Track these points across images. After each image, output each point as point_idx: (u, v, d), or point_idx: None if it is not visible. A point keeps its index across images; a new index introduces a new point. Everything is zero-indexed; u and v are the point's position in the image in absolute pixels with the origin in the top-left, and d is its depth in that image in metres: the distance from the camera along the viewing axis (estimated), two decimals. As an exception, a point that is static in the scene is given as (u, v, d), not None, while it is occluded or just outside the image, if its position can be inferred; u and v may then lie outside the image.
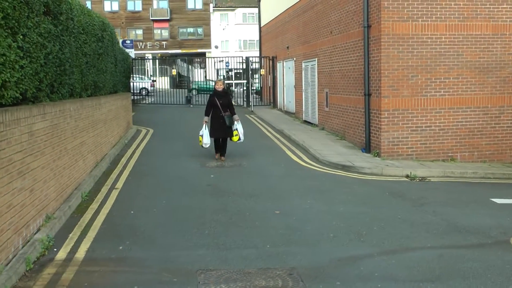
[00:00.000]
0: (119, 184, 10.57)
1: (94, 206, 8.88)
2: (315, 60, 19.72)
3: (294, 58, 23.19)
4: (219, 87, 13.21)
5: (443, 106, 13.79)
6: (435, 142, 13.85)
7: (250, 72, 28.88)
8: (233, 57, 34.08)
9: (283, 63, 26.00)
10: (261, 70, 29.89)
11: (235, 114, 13.11)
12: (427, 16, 13.41)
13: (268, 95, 30.36)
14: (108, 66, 14.66)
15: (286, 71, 25.41)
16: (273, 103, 28.66)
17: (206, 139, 12.71)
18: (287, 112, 25.09)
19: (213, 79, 36.56)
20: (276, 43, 27.69)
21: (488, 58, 13.92)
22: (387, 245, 7.16)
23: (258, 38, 34.46)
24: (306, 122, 21.15)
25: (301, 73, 21.84)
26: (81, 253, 6.62)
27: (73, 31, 9.91)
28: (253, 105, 28.02)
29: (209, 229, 7.67)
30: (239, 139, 12.96)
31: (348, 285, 5.76)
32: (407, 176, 12.06)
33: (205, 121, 12.86)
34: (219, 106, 12.85)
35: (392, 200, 9.93)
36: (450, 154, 13.91)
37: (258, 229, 7.72)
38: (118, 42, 19.00)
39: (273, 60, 28.25)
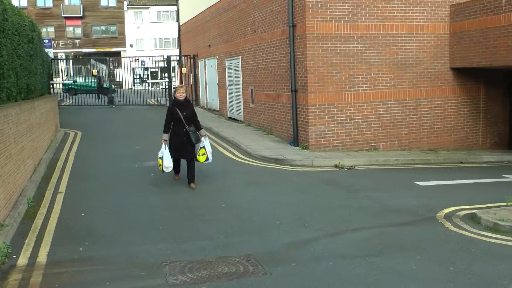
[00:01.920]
0: (62, 188, 10.55)
1: (42, 211, 8.87)
2: (239, 58, 20.29)
3: (217, 56, 23.63)
4: (181, 96, 10.46)
5: (365, 100, 14.79)
6: (359, 134, 14.84)
7: (171, 70, 29.05)
8: (152, 56, 34.01)
9: (205, 61, 26.35)
10: (183, 68, 30.12)
11: (201, 128, 10.64)
12: (348, 16, 14.32)
13: (190, 93, 30.58)
14: (38, 68, 14.47)
15: (208, 69, 25.78)
16: (196, 101, 28.93)
17: (167, 161, 10.07)
18: (211, 110, 25.51)
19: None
20: (197, 41, 28.02)
21: (405, 56, 15.11)
22: (330, 229, 7.89)
23: (174, 37, 34.66)
24: (231, 119, 21.66)
25: (225, 71, 22.32)
26: (42, 257, 6.68)
27: (8, 33, 9.72)
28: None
29: (163, 225, 8.03)
30: (207, 159, 10.45)
31: (302, 265, 6.40)
32: (336, 166, 12.90)
33: (164, 140, 10.24)
34: (182, 120, 10.21)
35: (327, 189, 10.73)
36: (373, 144, 14.97)
37: (210, 222, 8.19)
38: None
39: (194, 58, 28.56)
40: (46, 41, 28.64)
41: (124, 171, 12.16)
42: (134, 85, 47.92)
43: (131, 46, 59.77)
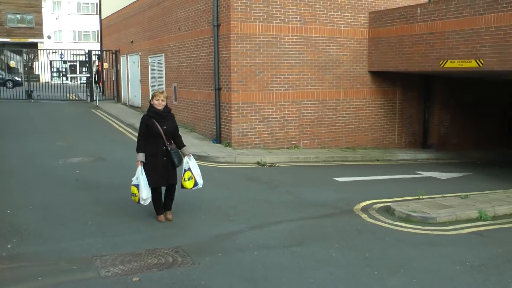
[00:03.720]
0: (-19, 186, 10.22)
1: (-37, 209, 8.62)
2: (162, 56, 20.33)
3: (140, 53, 23.53)
4: (160, 104, 7.89)
5: (287, 99, 15.29)
6: (280, 132, 15.33)
7: (92, 65, 28.61)
8: (72, 49, 33.28)
9: (127, 57, 26.14)
10: (105, 64, 29.70)
11: (184, 145, 8.34)
12: (272, 18, 14.76)
13: (111, 89, 30.25)
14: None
15: (131, 66, 25.59)
16: (117, 98, 28.64)
17: (145, 191, 7.78)
18: (133, 107, 25.30)
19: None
20: (119, 36, 27.73)
21: (326, 58, 15.74)
22: (254, 222, 8.25)
23: (94, 30, 34.07)
24: (154, 115, 21.60)
25: (148, 68, 22.28)
26: (-33, 256, 6.56)
27: None
28: (97, 100, 27.84)
29: (91, 220, 8.08)
30: (196, 183, 8.21)
31: (229, 255, 6.73)
32: (258, 163, 13.30)
33: (141, 161, 7.82)
34: (163, 135, 7.85)
35: (250, 184, 11.10)
36: (294, 142, 15.50)
37: (137, 217, 8.30)
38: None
39: (116, 53, 28.25)
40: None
41: (48, 168, 11.94)
42: (52, 79, 46.61)
43: (49, 37, 57.85)
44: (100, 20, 32.44)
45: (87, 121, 20.53)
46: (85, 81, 31.39)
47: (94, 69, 30.50)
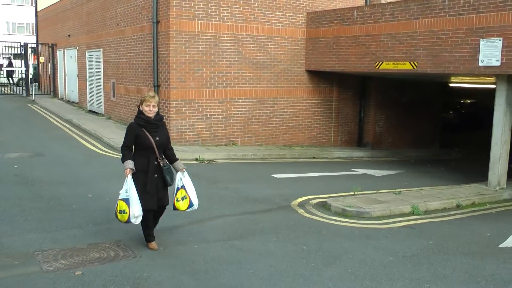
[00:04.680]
0: None
1: None
2: (100, 50, 20.06)
3: (77, 47, 23.12)
4: (151, 111, 6.69)
5: (225, 97, 15.42)
6: (218, 129, 15.44)
7: (28, 59, 27.85)
8: (6, 42, 32.16)
9: (64, 51, 25.63)
10: (41, 57, 28.94)
11: (176, 159, 7.10)
12: (211, 16, 14.84)
13: (48, 84, 29.51)
14: None
15: (68, 60, 25.11)
16: (54, 92, 28.01)
17: (136, 207, 6.48)
18: (70, 102, 24.87)
19: None
20: (56, 30, 27.10)
21: (264, 56, 15.97)
22: (194, 216, 8.28)
23: (29, 22, 33.00)
24: (91, 111, 21.34)
25: (85, 62, 21.93)
26: None
27: None
28: (34, 94, 27.10)
29: (31, 215, 7.98)
30: (191, 205, 7.01)
31: (169, 248, 6.82)
32: (196, 160, 13.37)
33: (130, 169, 6.59)
34: (155, 148, 6.66)
35: (189, 180, 11.15)
36: (231, 139, 15.64)
37: (78, 212, 8.28)
38: None
39: (53, 47, 27.60)
40: None
41: (-17, 163, 11.65)
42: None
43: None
44: (36, 12, 31.58)
45: (23, 116, 19.99)
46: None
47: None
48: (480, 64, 11.76)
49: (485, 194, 11.41)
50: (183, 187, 6.93)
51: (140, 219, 6.55)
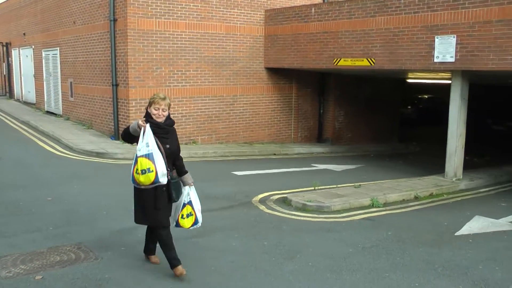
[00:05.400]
0: None
1: None
2: (57, 50, 19.73)
3: (33, 46, 22.65)
4: (160, 115, 5.81)
5: (184, 95, 15.37)
6: (178, 128, 15.03)
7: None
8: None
9: (19, 51, 25.09)
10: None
11: (186, 171, 6.21)
12: (169, 14, 14.77)
13: (3, 85, 28.85)
14: None
15: (23, 59, 24.57)
16: (10, 93, 27.42)
17: (162, 164, 5.65)
18: (27, 103, 24.36)
19: None
20: (9, 28, 26.49)
21: (223, 54, 15.99)
22: (156, 216, 8.31)
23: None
24: (49, 112, 20.98)
25: (42, 62, 21.53)
26: None
27: None
28: (-13, 96, 26.51)
29: (-13, 221, 7.80)
30: (196, 221, 6.30)
31: (131, 248, 6.79)
32: (157, 159, 13.30)
33: (142, 120, 5.74)
34: (164, 158, 5.76)
35: (150, 180, 11.09)
36: (192, 138, 15.62)
37: (37, 215, 8.14)
38: None
39: (7, 46, 27.00)
40: None
41: None
42: None
43: None
44: (-13, 10, 30.81)
45: (-24, 118, 19.54)
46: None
47: None
48: (436, 60, 12.05)
49: (442, 185, 11.72)
50: (189, 203, 6.18)
51: (166, 179, 5.74)
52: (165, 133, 5.80)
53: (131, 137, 5.92)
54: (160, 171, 5.60)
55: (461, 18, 11.49)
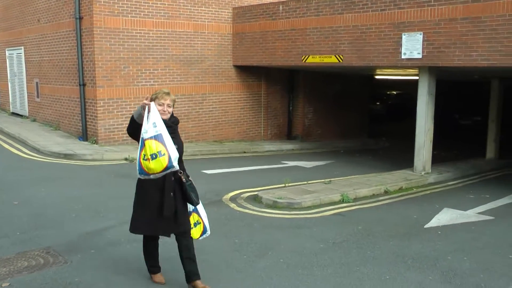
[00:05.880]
0: None
1: None
2: (21, 49, 19.31)
3: (-5, 46, 22.23)
4: (165, 111, 5.27)
5: (153, 94, 15.21)
6: (148, 127, 15.20)
7: None
8: None
9: (-19, 52, 24.56)
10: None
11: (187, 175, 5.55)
12: (136, 12, 14.62)
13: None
14: None
15: (-15, 60, 24.07)
16: (-28, 95, 26.84)
17: (173, 147, 5.08)
18: (-10, 105, 23.91)
19: None
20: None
21: (191, 53, 15.90)
22: (125, 217, 8.07)
23: None
24: (15, 114, 20.56)
25: (5, 61, 21.08)
26: None
27: None
28: None
29: (-49, 228, 7.62)
30: (205, 231, 5.78)
31: (101, 250, 6.71)
32: (126, 159, 13.19)
33: (145, 100, 5.11)
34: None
35: (119, 180, 10.99)
36: (162, 137, 15.46)
37: (3, 220, 7.95)
38: None
39: (-32, 47, 26.38)
40: None
41: None
42: None
43: None
44: None
45: None
46: None
47: None
48: (403, 57, 12.19)
49: (411, 179, 11.88)
50: (195, 210, 5.65)
51: (176, 164, 5.12)
52: (171, 132, 5.17)
53: (137, 127, 5.17)
54: (173, 154, 4.95)
55: (427, 16, 11.65)
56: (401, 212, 9.33)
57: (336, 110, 19.54)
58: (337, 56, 13.67)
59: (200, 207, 5.67)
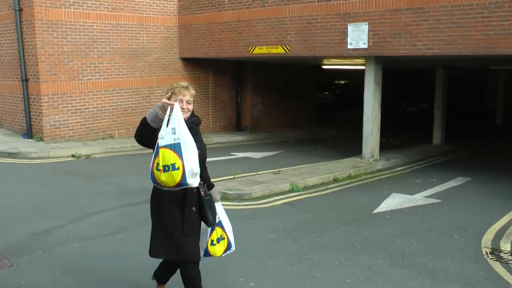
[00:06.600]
0: None
1: None
2: (-42, 46, 18.65)
3: None
4: (184, 109, 4.26)
5: (99, 89, 14.97)
6: (94, 122, 14.98)
7: None
8: None
9: None
10: None
11: (212, 184, 4.97)
12: (78, 4, 14.28)
13: None
14: None
15: None
16: None
17: (195, 159, 4.11)
18: None
19: None
20: None
21: (137, 46, 15.68)
22: (73, 215, 8.06)
23: None
24: (-46, 112, 19.89)
25: None
26: None
27: None
28: None
29: None
30: (229, 247, 4.95)
31: (49, 251, 6.52)
32: (73, 156, 12.91)
33: (168, 102, 4.07)
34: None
35: (66, 178, 10.75)
36: (108, 132, 15.26)
37: None
38: None
39: None
40: None
41: None
42: None
43: None
44: None
45: None
46: None
47: None
48: (349, 47, 12.34)
49: (360, 166, 12.08)
50: (219, 224, 4.83)
51: (197, 176, 4.20)
52: (193, 134, 4.17)
53: (149, 132, 4.22)
54: (188, 168, 4.05)
55: (372, 7, 11.83)
56: (350, 199, 9.48)
57: (285, 100, 19.65)
58: (284, 46, 13.71)
59: (225, 220, 4.89)
